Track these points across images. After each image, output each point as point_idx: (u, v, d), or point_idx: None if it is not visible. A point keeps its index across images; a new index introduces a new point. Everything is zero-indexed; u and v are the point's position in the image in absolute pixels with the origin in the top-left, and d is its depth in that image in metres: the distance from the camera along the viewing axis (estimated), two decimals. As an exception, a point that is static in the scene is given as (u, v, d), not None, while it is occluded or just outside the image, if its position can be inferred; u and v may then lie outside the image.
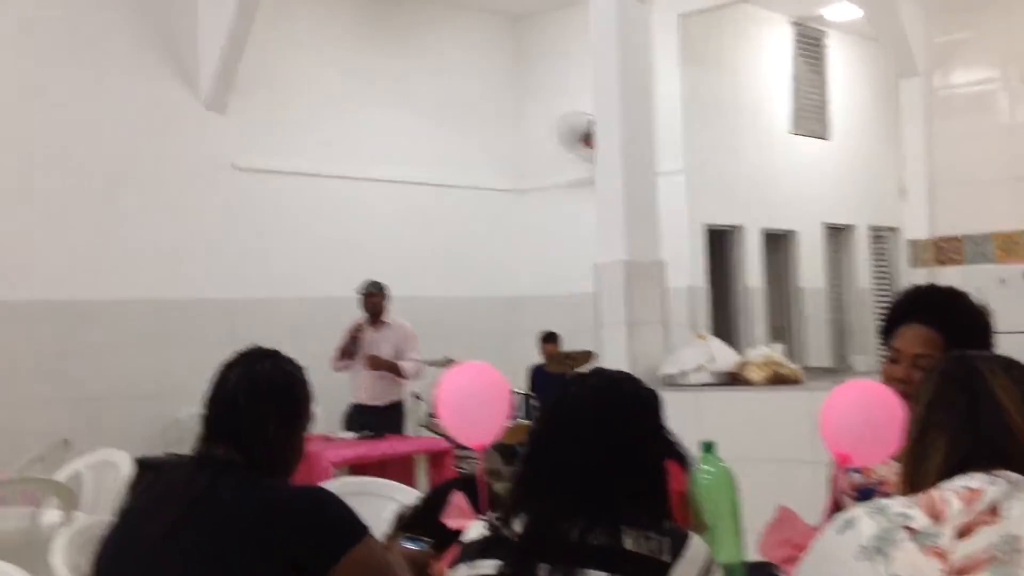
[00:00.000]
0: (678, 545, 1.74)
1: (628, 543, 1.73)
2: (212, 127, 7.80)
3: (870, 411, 2.09)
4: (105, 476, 4.88)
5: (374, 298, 7.15)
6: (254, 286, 7.93)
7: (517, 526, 1.83)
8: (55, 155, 7.05)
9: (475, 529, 1.91)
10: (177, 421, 7.31)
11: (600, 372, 2.00)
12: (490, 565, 1.82)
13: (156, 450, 6.96)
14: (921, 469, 1.56)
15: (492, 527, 1.86)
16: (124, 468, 4.85)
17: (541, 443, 1.91)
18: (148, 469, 5.15)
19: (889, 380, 2.29)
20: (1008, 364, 1.59)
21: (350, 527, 2.05)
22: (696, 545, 1.77)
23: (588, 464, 1.82)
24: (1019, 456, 1.51)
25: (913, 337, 2.29)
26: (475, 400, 2.45)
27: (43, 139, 7.01)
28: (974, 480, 1.49)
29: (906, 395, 1.96)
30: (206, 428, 2.17)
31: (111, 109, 7.32)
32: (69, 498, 4.22)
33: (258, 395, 2.15)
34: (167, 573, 1.99)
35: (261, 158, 8.07)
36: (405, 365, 7.10)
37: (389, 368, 7.07)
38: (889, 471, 2.29)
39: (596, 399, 1.90)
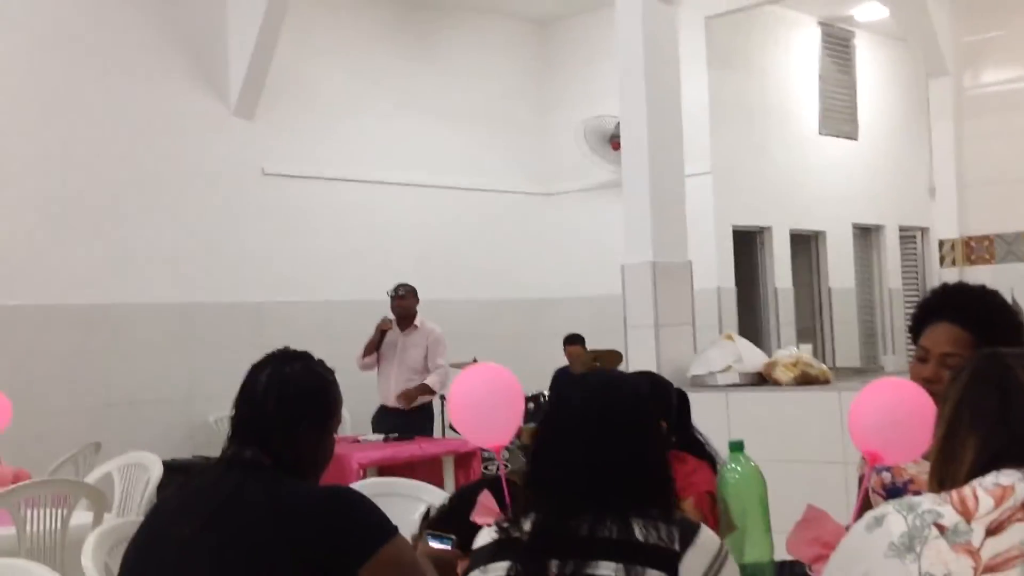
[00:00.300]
0: (688, 535, 1.75)
1: (638, 534, 1.74)
2: (240, 133, 7.85)
3: (900, 409, 2.06)
4: (135, 479, 4.92)
5: (403, 301, 7.17)
6: (282, 290, 7.98)
7: (526, 526, 1.83)
8: (84, 160, 7.12)
9: (485, 535, 1.92)
10: (206, 424, 7.38)
11: (598, 375, 2.03)
12: (501, 567, 1.82)
13: (185, 453, 7.01)
14: (951, 467, 1.54)
15: (502, 530, 1.87)
16: (154, 471, 4.88)
17: (545, 443, 1.93)
18: (177, 472, 5.20)
19: (917, 379, 2.26)
20: (1039, 361, 1.58)
21: (378, 527, 2.04)
22: (706, 535, 1.77)
23: (592, 461, 1.83)
24: (1051, 453, 1.49)
25: (942, 336, 2.26)
26: (487, 402, 2.45)
27: (72, 144, 7.07)
28: (1005, 477, 1.47)
29: (934, 394, 1.94)
30: (235, 429, 2.17)
31: (140, 116, 7.38)
32: (99, 500, 4.25)
33: (288, 397, 2.15)
34: (195, 574, 2.00)
35: (288, 164, 8.12)
36: (431, 380, 7.09)
37: (421, 392, 7.09)
38: (919, 470, 2.26)
39: (594, 398, 1.91)
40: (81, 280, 7.05)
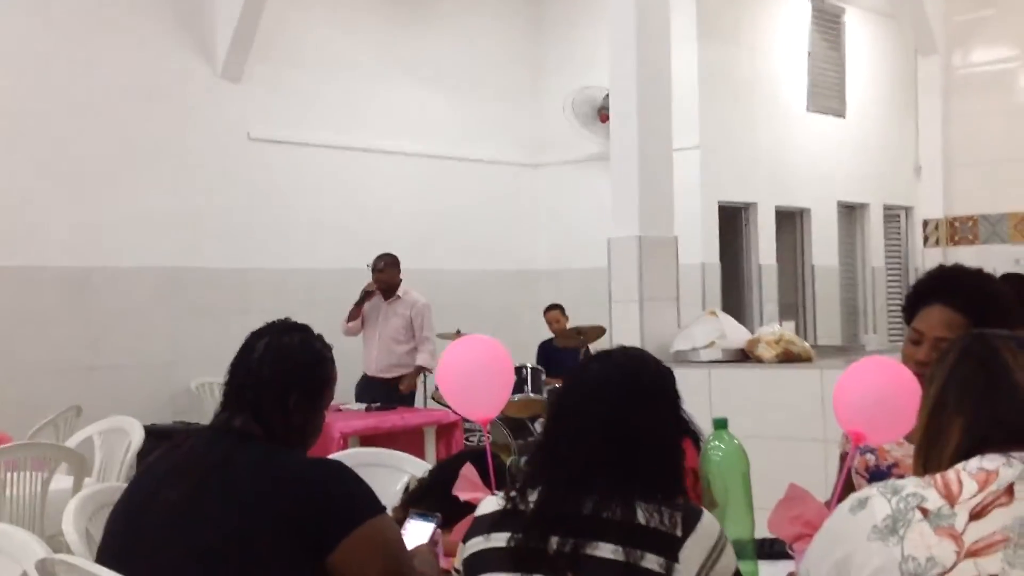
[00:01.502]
0: (690, 521, 1.75)
1: (640, 517, 1.74)
2: (227, 96, 7.78)
3: (884, 389, 2.07)
4: (116, 443, 4.91)
5: (383, 274, 7.15)
6: (267, 256, 7.94)
7: (532, 499, 1.84)
8: (68, 122, 7.04)
9: (489, 503, 1.92)
10: (187, 390, 7.36)
11: (624, 350, 2.01)
12: (503, 537, 1.83)
13: (166, 419, 6.99)
14: (936, 450, 1.55)
15: (509, 499, 1.87)
16: (135, 436, 4.87)
17: (560, 417, 1.92)
18: (158, 437, 5.17)
19: (909, 361, 2.26)
20: (1026, 345, 1.57)
21: (364, 502, 2.05)
22: (708, 521, 1.78)
23: (605, 439, 1.83)
24: (1035, 437, 1.49)
25: (937, 319, 2.25)
26: (477, 375, 2.44)
27: (57, 107, 7.00)
28: (989, 461, 1.48)
29: (925, 376, 1.94)
30: (228, 396, 2.17)
31: (126, 77, 7.30)
32: (79, 464, 4.24)
33: (283, 369, 2.15)
34: (182, 539, 2.00)
35: (275, 128, 8.06)
36: (422, 359, 7.13)
37: (417, 374, 7.18)
38: (904, 453, 2.27)
39: (619, 377, 1.90)
40: (64, 242, 7.00)
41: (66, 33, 7.06)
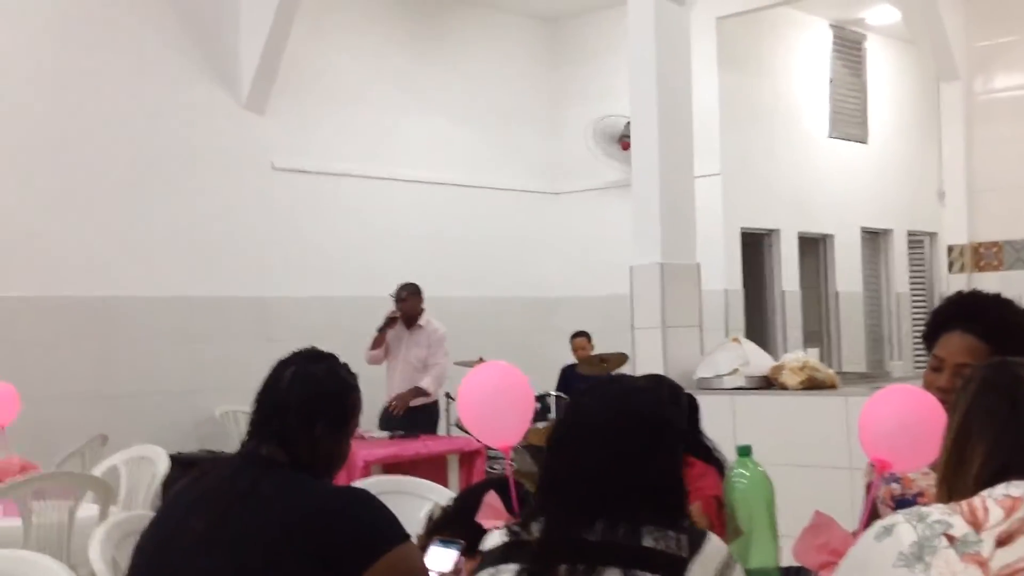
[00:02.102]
0: (696, 542, 1.75)
1: (646, 541, 1.74)
2: (250, 127, 7.86)
3: (910, 417, 2.06)
4: (141, 472, 4.93)
5: (406, 304, 7.16)
6: (289, 284, 7.98)
7: (536, 530, 1.84)
8: (93, 153, 7.13)
9: (494, 537, 1.92)
10: (212, 418, 7.39)
11: (616, 379, 2.02)
12: (511, 569, 1.83)
13: (191, 447, 7.03)
14: (960, 476, 1.54)
15: (511, 532, 1.87)
16: (160, 464, 4.89)
17: (558, 449, 1.93)
18: (183, 466, 5.20)
19: (931, 388, 2.24)
20: (1050, 371, 1.57)
21: (389, 530, 2.06)
22: (714, 543, 1.78)
23: (604, 469, 1.83)
24: (1061, 464, 1.48)
25: (957, 346, 2.24)
26: (497, 401, 2.44)
27: (82, 137, 7.08)
28: (1015, 488, 1.47)
29: (948, 404, 1.93)
30: (254, 425, 2.19)
31: (151, 108, 7.39)
32: (105, 493, 4.26)
33: (310, 398, 2.17)
34: (208, 568, 2.01)
35: (298, 158, 8.13)
36: (425, 382, 7.08)
37: (414, 395, 7.08)
38: (929, 483, 2.25)
39: (609, 408, 1.90)
40: (89, 272, 7.06)
41: (90, 65, 7.15)
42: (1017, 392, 1.54)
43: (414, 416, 7.09)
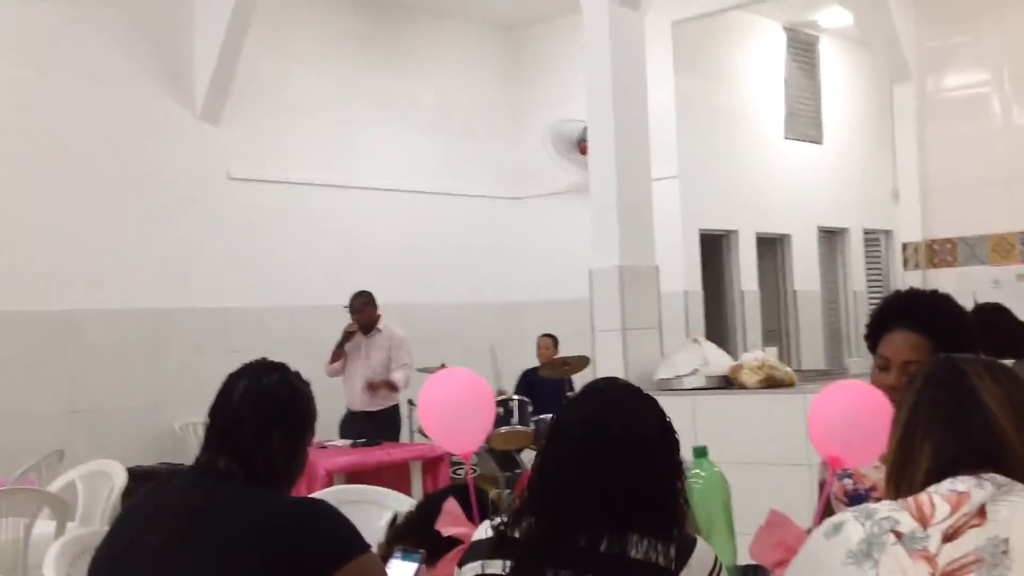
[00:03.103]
0: (684, 552, 1.76)
1: (633, 551, 1.75)
2: (206, 138, 7.80)
3: (858, 412, 2.09)
4: (99, 487, 4.88)
5: (361, 314, 7.17)
6: (249, 295, 7.93)
7: (524, 529, 1.84)
8: (49, 166, 7.05)
9: (484, 529, 1.93)
10: (171, 431, 7.32)
11: (608, 386, 1.99)
12: (499, 565, 1.84)
13: (150, 460, 6.95)
14: (907, 473, 1.56)
15: (501, 527, 1.88)
16: (118, 479, 4.84)
17: (551, 457, 1.91)
18: (143, 479, 5.14)
19: (880, 388, 2.28)
20: (993, 367, 1.59)
21: (347, 540, 2.04)
22: (702, 551, 1.78)
23: (597, 479, 1.82)
24: (1005, 458, 1.51)
25: (901, 343, 2.28)
26: (458, 407, 2.45)
27: (37, 150, 7.00)
28: (961, 483, 1.49)
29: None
30: (209, 439, 2.17)
31: (105, 119, 7.31)
32: (62, 509, 4.21)
33: (263, 409, 2.15)
34: None
35: (255, 168, 8.07)
36: (396, 376, 7.12)
37: (386, 387, 7.11)
38: (880, 476, 2.28)
39: (604, 416, 1.88)
40: (44, 286, 6.98)
41: (45, 77, 7.07)
42: (961, 389, 1.56)
43: (377, 423, 7.08)
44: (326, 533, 2.03)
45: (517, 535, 1.85)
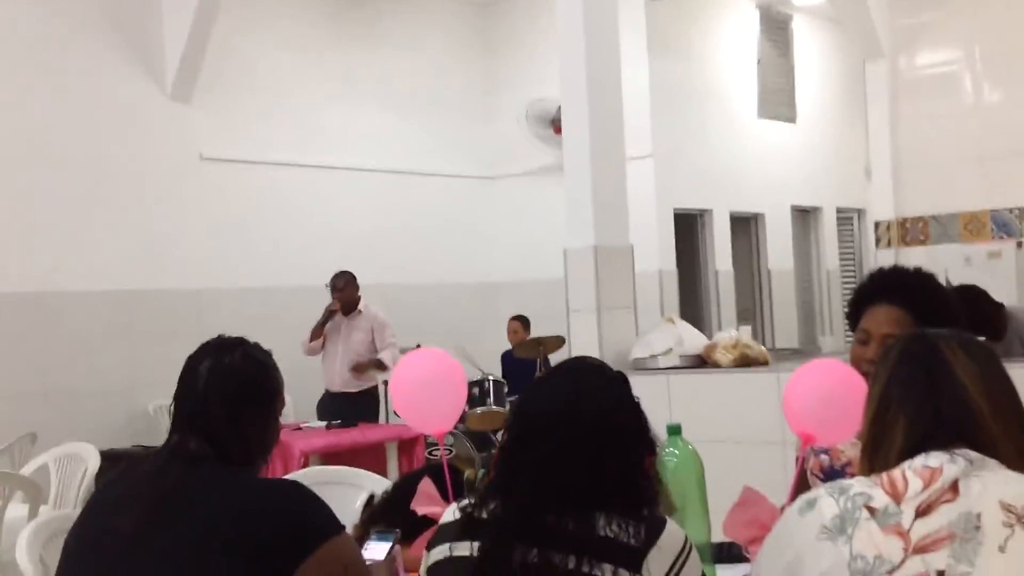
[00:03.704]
0: (653, 532, 1.75)
1: (602, 530, 1.74)
2: (177, 118, 7.73)
3: (831, 390, 2.10)
4: (72, 470, 4.85)
5: (343, 293, 7.14)
6: (222, 276, 7.89)
7: (491, 510, 1.84)
8: (20, 148, 6.97)
9: (449, 512, 1.93)
10: (145, 413, 7.29)
11: (576, 366, 1.98)
12: (466, 546, 1.83)
13: (124, 443, 6.92)
14: (881, 449, 1.57)
15: (465, 511, 1.87)
16: (91, 462, 4.81)
17: (518, 438, 1.90)
18: (116, 461, 5.12)
19: (858, 361, 2.29)
20: (967, 342, 1.60)
21: (322, 523, 2.03)
22: (672, 532, 1.78)
23: (564, 458, 1.82)
24: (978, 434, 1.52)
25: (882, 317, 2.30)
26: (430, 388, 2.44)
27: (7, 133, 6.92)
28: (934, 459, 1.50)
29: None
30: (177, 422, 2.13)
31: (75, 101, 7.23)
32: (35, 492, 4.19)
33: (230, 390, 2.12)
34: (137, 568, 1.97)
35: (227, 148, 8.01)
36: (384, 355, 7.11)
37: (374, 367, 7.10)
38: (856, 452, 2.30)
39: (572, 397, 1.87)
40: (15, 268, 6.91)
41: (13, 60, 6.98)
42: (934, 364, 1.57)
43: (354, 404, 7.08)
44: (300, 515, 2.01)
45: (484, 516, 1.84)
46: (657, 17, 8.59)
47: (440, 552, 1.88)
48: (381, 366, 7.14)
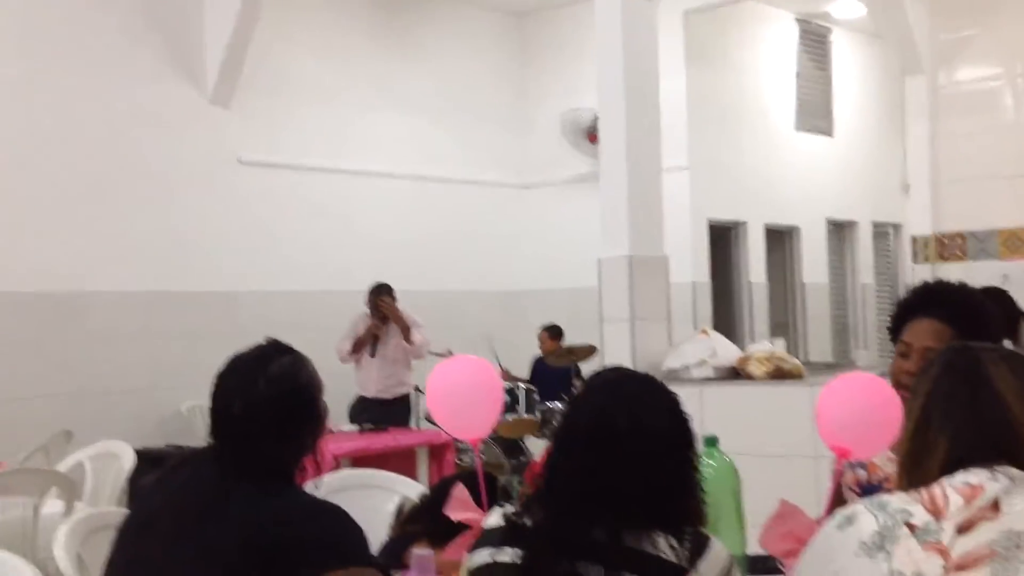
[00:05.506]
0: (697, 551, 1.75)
1: (648, 546, 1.74)
2: (216, 121, 7.79)
3: (865, 404, 2.09)
4: (106, 467, 4.90)
5: (385, 304, 7.13)
6: (257, 279, 7.94)
7: (536, 519, 1.83)
8: (59, 148, 7.04)
9: (496, 516, 1.92)
10: (178, 413, 7.34)
11: (623, 377, 1.96)
12: (511, 553, 1.83)
13: (158, 442, 6.97)
14: (921, 465, 1.55)
15: (509, 517, 1.88)
16: (125, 460, 4.86)
17: (561, 447, 1.89)
18: (150, 461, 5.17)
19: (899, 374, 2.28)
20: (1009, 356, 1.59)
21: (354, 550, 1.99)
22: (716, 551, 1.77)
23: (605, 471, 1.80)
24: (1019, 451, 1.50)
25: (923, 331, 2.28)
26: (467, 394, 2.44)
27: (47, 133, 7.00)
28: (975, 476, 1.48)
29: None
30: (217, 426, 2.09)
31: (115, 103, 7.31)
32: (70, 489, 4.23)
33: (274, 396, 2.06)
34: (177, 573, 1.98)
35: (265, 152, 8.07)
36: (415, 334, 7.10)
37: (401, 324, 7.07)
38: (894, 468, 2.28)
39: (616, 410, 1.85)
40: (54, 268, 6.99)
41: (55, 61, 7.06)
42: (977, 376, 1.55)
43: (387, 409, 7.10)
44: (334, 537, 1.98)
45: (528, 524, 1.84)
46: (695, 28, 8.57)
47: (483, 556, 1.88)
48: (408, 332, 7.11)
